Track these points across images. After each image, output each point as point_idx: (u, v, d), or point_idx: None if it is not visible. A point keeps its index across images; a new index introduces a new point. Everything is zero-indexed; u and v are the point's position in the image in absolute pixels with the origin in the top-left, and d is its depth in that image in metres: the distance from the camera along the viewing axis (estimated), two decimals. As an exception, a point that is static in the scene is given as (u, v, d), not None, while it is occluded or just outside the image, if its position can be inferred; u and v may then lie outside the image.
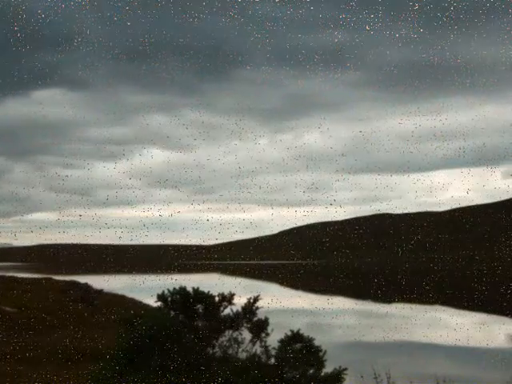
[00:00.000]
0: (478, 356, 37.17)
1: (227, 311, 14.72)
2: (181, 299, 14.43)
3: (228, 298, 14.77)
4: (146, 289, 79.25)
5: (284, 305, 70.60)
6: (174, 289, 14.59)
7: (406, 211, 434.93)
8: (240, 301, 14.51)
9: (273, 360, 12.92)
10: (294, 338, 13.20)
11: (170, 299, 14.53)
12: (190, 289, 14.53)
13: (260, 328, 14.33)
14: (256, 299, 14.75)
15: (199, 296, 14.44)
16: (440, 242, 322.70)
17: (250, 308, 14.63)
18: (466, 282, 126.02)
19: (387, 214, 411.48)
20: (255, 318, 14.62)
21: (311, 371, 12.63)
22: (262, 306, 14.59)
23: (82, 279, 59.34)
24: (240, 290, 22.92)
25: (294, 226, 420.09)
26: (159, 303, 14.73)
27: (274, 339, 13.38)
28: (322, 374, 12.63)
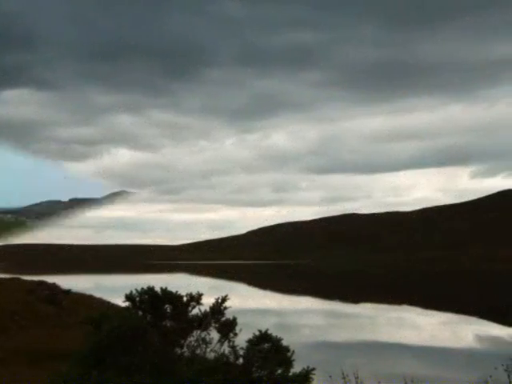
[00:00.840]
0: (446, 355, 37.49)
1: (195, 311, 14.69)
2: (149, 299, 14.39)
3: (196, 298, 14.74)
4: (113, 289, 79.02)
5: (252, 304, 70.80)
6: (142, 289, 14.54)
7: (373, 211, 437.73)
8: (208, 301, 14.52)
9: (241, 360, 12.92)
10: (262, 338, 13.21)
11: (138, 299, 14.48)
12: (158, 289, 14.49)
13: (228, 328, 14.33)
14: (224, 299, 14.73)
15: (167, 296, 14.41)
16: (408, 242, 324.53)
17: (218, 308, 14.62)
18: (434, 281, 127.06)
19: (355, 214, 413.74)
20: (223, 318, 14.61)
21: (279, 371, 12.64)
22: (231, 305, 14.61)
23: (50, 279, 59.03)
24: (208, 289, 22.94)
25: (262, 226, 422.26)
26: (127, 303, 14.67)
27: (242, 339, 13.41)
28: (290, 373, 12.65)
